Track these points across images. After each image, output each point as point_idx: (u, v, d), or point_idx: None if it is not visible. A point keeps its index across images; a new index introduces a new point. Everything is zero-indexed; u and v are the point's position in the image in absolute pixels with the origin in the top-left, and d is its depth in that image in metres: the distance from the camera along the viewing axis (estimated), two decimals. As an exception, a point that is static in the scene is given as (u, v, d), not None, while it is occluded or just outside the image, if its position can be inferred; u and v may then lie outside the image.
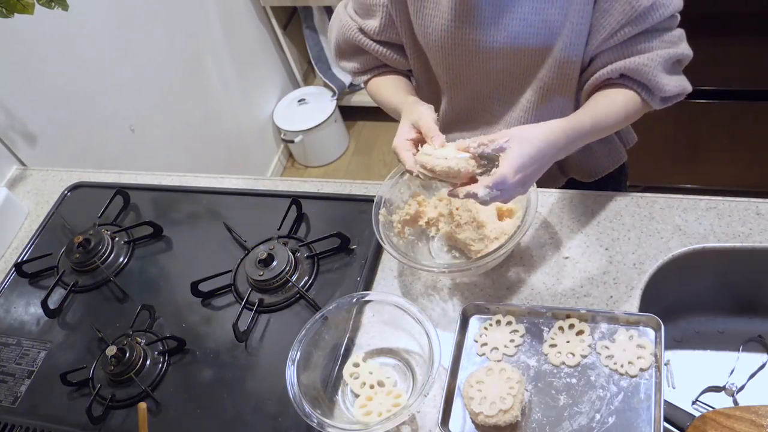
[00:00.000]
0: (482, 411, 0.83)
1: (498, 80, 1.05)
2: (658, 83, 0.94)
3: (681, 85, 0.98)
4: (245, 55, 2.53)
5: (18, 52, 1.58)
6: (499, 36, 0.98)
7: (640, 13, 0.90)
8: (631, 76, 0.95)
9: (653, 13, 0.90)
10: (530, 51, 0.99)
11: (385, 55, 1.11)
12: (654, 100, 0.97)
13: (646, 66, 0.93)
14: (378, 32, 1.08)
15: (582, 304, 0.96)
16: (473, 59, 1.03)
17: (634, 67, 0.94)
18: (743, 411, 0.82)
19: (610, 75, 0.96)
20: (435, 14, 1.00)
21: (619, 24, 0.91)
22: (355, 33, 1.11)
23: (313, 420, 0.86)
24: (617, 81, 0.97)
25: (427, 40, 1.04)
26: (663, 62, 0.94)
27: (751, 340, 1.03)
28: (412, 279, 1.06)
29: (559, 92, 1.03)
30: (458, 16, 0.98)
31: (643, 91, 0.96)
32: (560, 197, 1.10)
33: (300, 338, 0.94)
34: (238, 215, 1.24)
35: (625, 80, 0.96)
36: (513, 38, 0.98)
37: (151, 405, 1.01)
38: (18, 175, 1.52)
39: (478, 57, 1.02)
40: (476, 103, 1.11)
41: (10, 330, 1.19)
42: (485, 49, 1.01)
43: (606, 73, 0.96)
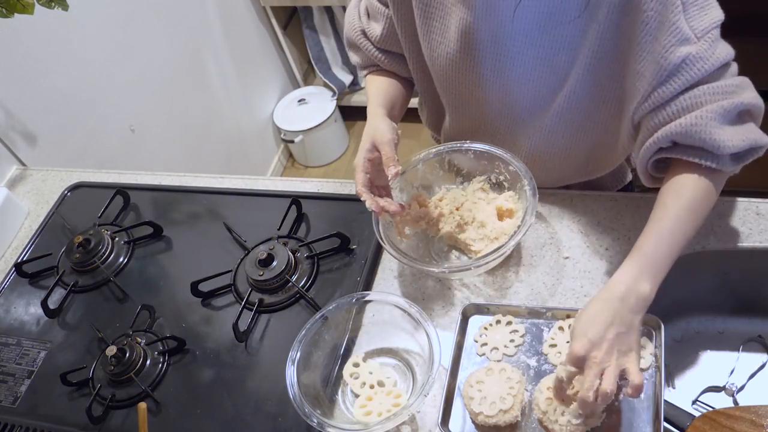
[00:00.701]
0: (482, 411, 0.83)
1: (500, 114, 1.02)
2: (716, 140, 0.79)
3: (750, 137, 0.81)
4: (245, 55, 2.53)
5: (18, 52, 1.58)
6: (501, 76, 0.96)
7: (670, 71, 0.79)
8: (683, 143, 0.82)
9: (688, 68, 0.79)
10: (534, 92, 0.95)
11: (382, 61, 1.10)
12: (721, 162, 0.81)
13: (696, 125, 0.79)
14: (379, 40, 1.08)
15: (582, 304, 0.96)
16: (475, 90, 1.00)
17: (682, 130, 0.80)
18: (743, 411, 0.82)
19: (659, 144, 0.83)
20: (441, 40, 0.98)
21: (652, 86, 0.82)
22: (358, 34, 1.11)
23: (313, 420, 0.86)
24: (672, 153, 0.84)
25: (432, 62, 1.02)
26: (717, 116, 0.79)
27: (751, 340, 1.03)
28: (412, 279, 1.06)
29: (561, 133, 1.00)
30: (462, 48, 0.95)
31: (703, 158, 0.81)
32: (560, 197, 1.10)
33: (300, 338, 0.94)
34: (238, 215, 1.24)
35: (680, 151, 0.83)
36: (515, 80, 0.95)
37: (151, 405, 1.01)
38: (18, 175, 1.52)
39: (480, 89, 0.99)
40: (479, 127, 1.08)
41: (10, 330, 1.19)
42: (487, 84, 0.98)
43: (654, 143, 0.83)
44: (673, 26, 0.78)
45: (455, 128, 1.13)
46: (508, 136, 1.06)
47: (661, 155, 0.85)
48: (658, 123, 0.83)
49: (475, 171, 1.07)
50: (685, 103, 0.81)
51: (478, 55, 0.95)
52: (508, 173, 1.02)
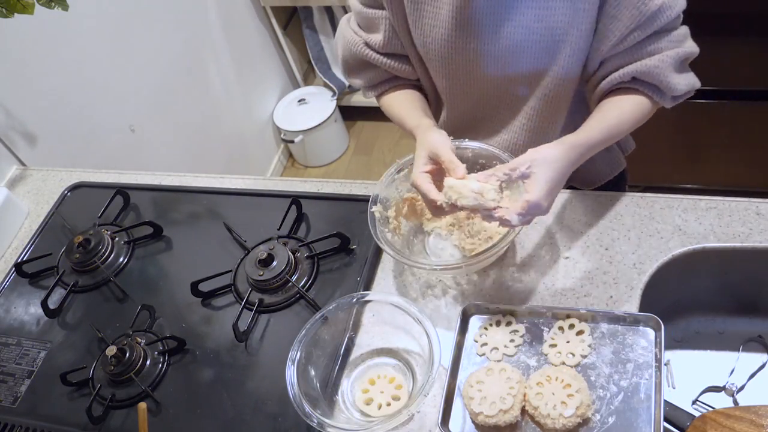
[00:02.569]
0: (482, 411, 0.84)
1: (499, 88, 1.04)
2: (669, 83, 0.94)
3: (690, 82, 0.97)
4: (245, 55, 2.53)
5: (18, 52, 1.58)
6: (500, 44, 0.97)
7: (648, 16, 0.89)
8: (642, 79, 0.95)
9: (661, 15, 0.90)
10: (533, 58, 0.97)
11: (393, 67, 1.08)
12: (665, 99, 0.97)
13: (657, 68, 0.92)
14: (383, 45, 1.06)
15: (582, 304, 0.96)
16: (474, 68, 1.01)
17: (645, 70, 0.93)
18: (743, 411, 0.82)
19: (621, 79, 0.95)
20: (434, 23, 0.99)
21: (628, 29, 0.91)
22: (361, 48, 1.08)
23: (313, 420, 0.86)
24: (628, 84, 0.96)
25: (426, 49, 1.02)
26: (673, 62, 0.93)
27: (751, 340, 1.03)
28: (412, 279, 1.06)
29: (564, 98, 1.02)
30: (458, 24, 0.96)
31: (654, 93, 0.96)
32: (560, 197, 1.10)
33: (300, 338, 0.94)
34: (238, 215, 1.24)
35: (636, 83, 0.96)
36: (514, 46, 0.96)
37: (151, 405, 1.01)
38: (18, 175, 1.52)
39: (479, 65, 1.01)
40: (477, 111, 1.09)
41: (10, 330, 1.19)
42: (486, 57, 0.99)
43: (618, 77, 0.95)
44: None
45: (453, 118, 1.13)
46: (507, 115, 1.07)
47: (618, 86, 0.97)
48: (624, 62, 0.94)
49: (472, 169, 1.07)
50: (650, 47, 0.93)
51: (474, 29, 0.96)
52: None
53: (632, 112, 0.96)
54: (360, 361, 0.99)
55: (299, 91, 2.81)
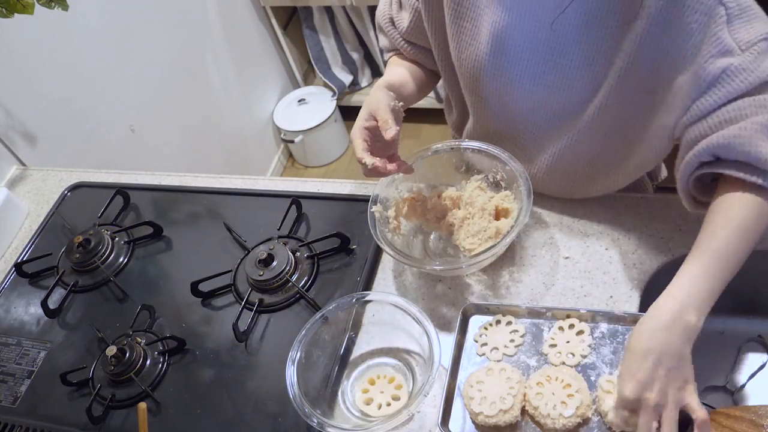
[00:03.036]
0: (482, 411, 0.84)
1: (527, 122, 1.00)
2: (761, 153, 0.73)
3: None
4: (245, 55, 2.53)
5: (18, 52, 1.58)
6: (535, 81, 0.92)
7: (709, 82, 0.76)
8: (726, 157, 0.77)
9: (729, 80, 0.75)
10: (565, 101, 0.92)
11: (407, 51, 1.09)
12: (763, 176, 0.75)
13: (739, 137, 0.74)
14: (406, 31, 1.06)
15: (582, 304, 0.96)
16: (503, 95, 0.97)
17: (723, 142, 0.75)
18: (743, 411, 0.82)
19: (700, 158, 0.78)
20: (471, 42, 0.95)
21: (691, 99, 0.78)
22: (386, 21, 1.09)
23: (313, 420, 0.86)
24: (714, 168, 0.79)
25: (459, 63, 1.00)
26: (763, 129, 0.74)
27: (751, 340, 1.03)
28: (412, 279, 1.06)
29: (590, 144, 0.96)
30: (494, 50, 0.92)
31: (748, 172, 0.75)
32: (560, 197, 1.10)
33: (300, 338, 0.94)
34: (238, 215, 1.24)
35: (721, 165, 0.78)
36: (548, 86, 0.91)
37: (151, 405, 1.01)
38: (18, 175, 1.52)
39: (509, 95, 0.97)
40: (503, 130, 1.05)
41: (10, 330, 1.19)
42: (517, 90, 0.95)
43: (694, 156, 0.79)
44: (715, 37, 0.75)
45: (479, 131, 1.10)
46: (532, 144, 1.03)
47: (703, 171, 0.80)
48: (699, 135, 0.79)
49: (472, 169, 1.07)
50: (728, 114, 0.76)
51: (509, 60, 0.92)
52: (504, 173, 1.02)
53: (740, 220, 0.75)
54: (360, 361, 0.99)
55: (299, 91, 2.81)
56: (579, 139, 0.96)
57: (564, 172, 1.03)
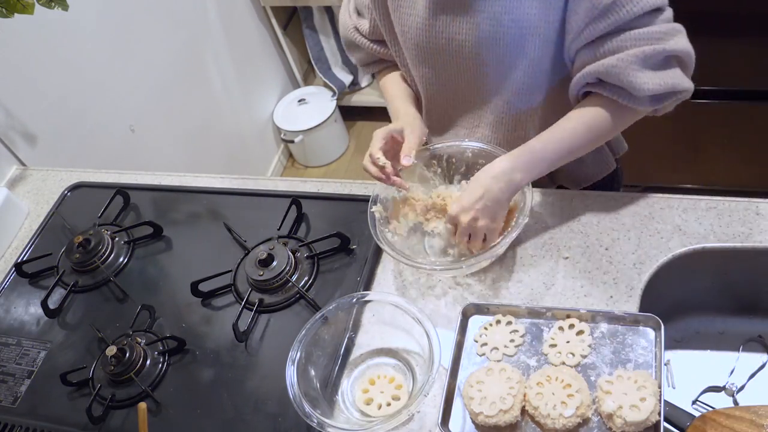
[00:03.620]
0: (482, 411, 0.83)
1: (473, 80, 1.04)
2: (633, 83, 0.89)
3: (669, 82, 0.90)
4: (245, 55, 2.53)
5: (18, 52, 1.58)
6: (471, 35, 0.97)
7: (601, 10, 0.86)
8: (606, 80, 0.92)
9: (618, 9, 0.86)
10: (503, 50, 0.97)
11: (379, 52, 1.14)
12: (636, 101, 0.92)
13: (616, 67, 0.88)
14: (369, 32, 1.12)
15: (582, 304, 0.96)
16: (447, 58, 1.02)
17: (603, 70, 0.90)
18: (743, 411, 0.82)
19: (585, 80, 0.93)
20: (411, 12, 1.01)
21: (584, 23, 0.89)
22: (351, 32, 1.15)
23: (313, 420, 0.86)
24: (594, 88, 0.94)
25: (404, 38, 1.05)
26: (638, 60, 0.88)
27: (751, 340, 1.03)
28: (412, 279, 1.06)
29: (536, 92, 1.02)
30: (432, 13, 0.98)
31: (619, 95, 0.92)
32: (560, 197, 1.10)
33: (300, 338, 0.94)
34: (238, 215, 1.24)
35: (602, 87, 0.93)
36: (484, 38, 0.96)
37: (151, 405, 1.01)
38: (18, 175, 1.52)
39: (452, 56, 1.02)
40: (454, 104, 1.10)
41: (10, 330, 1.19)
42: (458, 48, 1.00)
43: (581, 78, 0.93)
44: None
45: (432, 111, 1.14)
46: (483, 110, 1.07)
47: (588, 89, 0.96)
48: (586, 60, 0.92)
49: (473, 169, 1.07)
50: (611, 45, 0.89)
51: (447, 19, 0.98)
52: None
53: (594, 117, 0.94)
54: (360, 361, 0.99)
55: (299, 91, 2.81)
56: (527, 89, 1.02)
57: (523, 132, 1.07)
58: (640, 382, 0.82)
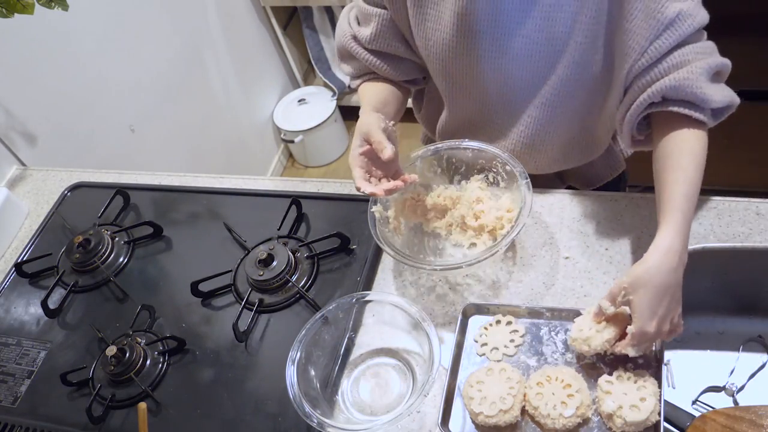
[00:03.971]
0: (482, 411, 0.83)
1: (498, 94, 1.03)
2: (704, 95, 0.85)
3: (729, 95, 0.88)
4: (245, 55, 2.53)
5: (18, 52, 1.58)
6: (500, 52, 0.96)
7: (666, 24, 0.83)
8: (674, 97, 0.86)
9: (681, 23, 0.84)
10: (532, 67, 0.96)
11: (374, 64, 1.08)
12: (706, 115, 0.87)
13: (688, 79, 0.84)
14: (369, 40, 1.06)
15: (582, 304, 0.96)
16: (473, 72, 1.01)
17: (675, 84, 0.85)
18: (743, 411, 0.82)
19: (651, 99, 0.87)
20: (436, 27, 0.98)
21: (648, 41, 0.85)
22: (348, 40, 1.09)
23: (313, 420, 0.86)
24: (661, 108, 0.88)
25: (428, 51, 1.03)
26: (704, 72, 0.85)
27: (751, 340, 1.03)
28: (412, 279, 1.06)
29: (561, 109, 1.01)
30: (459, 30, 0.96)
31: (691, 109, 0.86)
32: (560, 197, 1.10)
33: (300, 338, 0.94)
34: (238, 215, 1.24)
35: (669, 104, 0.87)
36: (514, 55, 0.95)
37: (151, 405, 1.01)
38: (18, 175, 1.52)
39: (479, 71, 1.00)
40: (477, 115, 1.09)
41: (10, 330, 1.19)
42: (486, 64, 0.98)
43: (647, 98, 0.87)
44: None
45: (453, 121, 1.13)
46: (506, 121, 1.06)
47: (651, 110, 0.89)
48: (650, 80, 0.87)
49: (472, 169, 1.07)
50: (675, 60, 0.85)
51: (475, 36, 0.96)
52: (505, 173, 1.02)
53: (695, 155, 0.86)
54: (360, 361, 0.99)
55: (299, 91, 2.81)
56: (551, 107, 1.00)
57: (540, 145, 1.06)
58: (640, 383, 0.82)
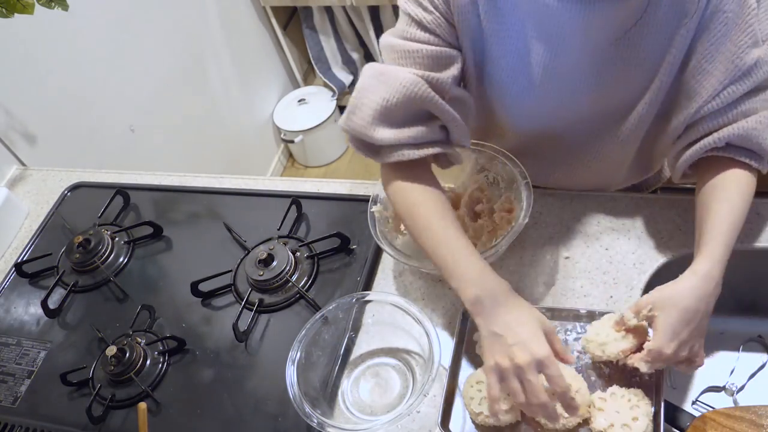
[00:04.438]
0: (482, 411, 0.83)
1: (567, 129, 0.99)
2: (766, 144, 0.84)
3: None
4: (245, 55, 2.53)
5: (18, 52, 1.58)
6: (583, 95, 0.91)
7: (744, 71, 0.81)
8: (738, 144, 0.85)
9: (757, 70, 0.81)
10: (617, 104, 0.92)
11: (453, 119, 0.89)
12: (762, 164, 0.86)
13: (755, 130, 0.83)
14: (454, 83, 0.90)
15: (582, 304, 0.96)
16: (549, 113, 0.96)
17: (743, 133, 0.83)
18: (743, 411, 0.82)
19: (715, 144, 0.85)
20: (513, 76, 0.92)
21: (723, 85, 0.82)
22: (425, 89, 0.85)
23: (313, 420, 0.86)
24: (723, 153, 0.86)
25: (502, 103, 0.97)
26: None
27: (751, 340, 1.03)
28: (412, 279, 1.06)
29: (617, 161, 1.01)
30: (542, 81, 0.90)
31: (751, 159, 0.85)
32: (560, 197, 1.10)
33: (300, 338, 0.94)
34: (238, 215, 1.24)
35: (731, 151, 0.85)
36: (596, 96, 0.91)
37: (151, 405, 1.01)
38: (18, 175, 1.52)
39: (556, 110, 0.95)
40: (541, 139, 1.02)
41: (10, 330, 1.19)
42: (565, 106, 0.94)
43: (710, 143, 0.85)
44: (749, 27, 0.79)
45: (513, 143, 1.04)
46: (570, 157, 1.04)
47: (710, 154, 0.87)
48: (718, 125, 0.85)
49: (473, 169, 1.07)
50: (746, 107, 0.83)
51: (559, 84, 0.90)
52: (504, 173, 1.02)
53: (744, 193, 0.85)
54: (360, 361, 0.99)
55: (299, 91, 2.81)
56: (621, 146, 0.98)
57: (606, 169, 1.05)
58: (634, 401, 0.81)
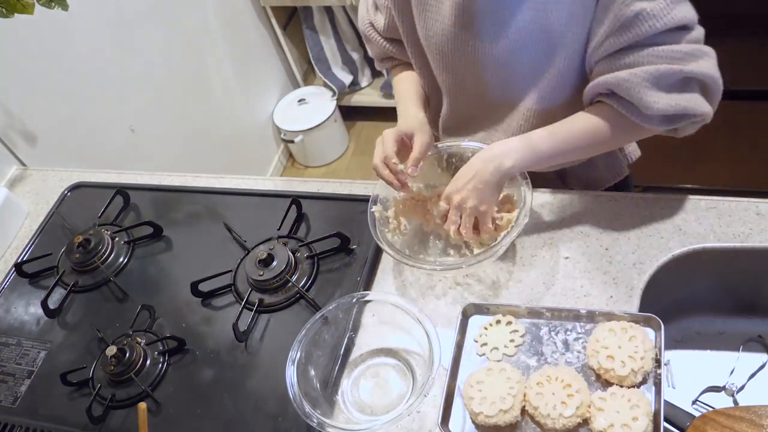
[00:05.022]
0: (482, 411, 0.83)
1: (497, 87, 1.03)
2: (642, 100, 0.87)
3: (681, 105, 0.87)
4: (245, 55, 2.53)
5: (18, 52, 1.58)
6: (498, 45, 0.96)
7: (623, 23, 0.84)
8: (618, 93, 0.90)
9: (639, 24, 0.83)
10: (530, 59, 0.97)
11: (392, 51, 1.14)
12: (644, 119, 0.90)
13: (627, 81, 0.87)
14: (384, 30, 1.12)
15: (582, 304, 0.96)
16: (472, 65, 1.02)
17: (615, 82, 0.88)
18: (743, 411, 0.82)
19: (597, 89, 0.92)
20: (437, 18, 0.99)
21: (605, 34, 0.87)
22: (367, 26, 1.15)
23: (313, 420, 0.86)
24: (608, 98, 0.92)
25: (428, 42, 1.04)
26: (650, 78, 0.85)
27: (751, 340, 1.03)
28: (412, 279, 1.06)
29: (561, 101, 1.01)
30: (458, 22, 0.97)
31: (629, 110, 0.90)
32: (560, 197, 1.10)
33: (300, 338, 0.94)
34: (238, 215, 1.24)
35: (613, 97, 0.91)
36: (512, 48, 0.96)
37: (151, 405, 1.01)
38: (18, 175, 1.52)
39: (477, 63, 1.01)
40: (476, 109, 1.09)
41: (10, 330, 1.19)
42: (484, 56, 0.99)
43: (594, 87, 0.92)
44: None
45: (453, 116, 1.14)
46: (506, 115, 1.07)
47: (599, 99, 0.94)
48: (602, 71, 0.91)
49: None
50: (628, 59, 0.87)
51: (474, 27, 0.97)
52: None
53: (600, 123, 0.93)
54: (360, 361, 0.99)
55: (299, 91, 2.81)
56: (551, 98, 1.01)
57: None
58: (634, 401, 0.81)
